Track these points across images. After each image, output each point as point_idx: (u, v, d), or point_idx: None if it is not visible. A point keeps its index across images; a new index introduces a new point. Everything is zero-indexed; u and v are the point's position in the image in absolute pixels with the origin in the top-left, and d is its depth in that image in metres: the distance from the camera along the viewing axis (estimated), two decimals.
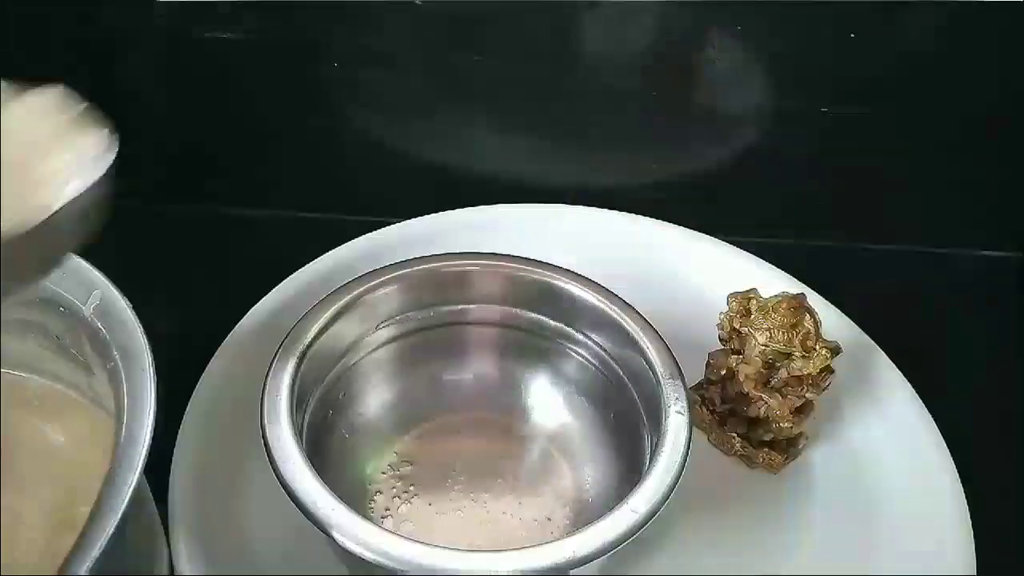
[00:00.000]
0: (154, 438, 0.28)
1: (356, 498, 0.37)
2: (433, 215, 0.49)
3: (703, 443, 0.41)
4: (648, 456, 0.34)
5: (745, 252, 0.48)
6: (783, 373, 0.38)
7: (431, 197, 0.50)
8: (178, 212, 0.54)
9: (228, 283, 0.48)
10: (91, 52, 0.50)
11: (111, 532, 0.25)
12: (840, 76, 0.50)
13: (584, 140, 0.54)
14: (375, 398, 0.40)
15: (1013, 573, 0.39)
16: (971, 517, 0.37)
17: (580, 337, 0.39)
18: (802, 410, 0.39)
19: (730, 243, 0.49)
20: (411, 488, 0.38)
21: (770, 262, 0.48)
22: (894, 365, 0.43)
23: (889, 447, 0.41)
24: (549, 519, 0.37)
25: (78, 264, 0.32)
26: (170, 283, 0.49)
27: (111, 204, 0.28)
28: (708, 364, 0.41)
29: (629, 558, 0.36)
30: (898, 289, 0.52)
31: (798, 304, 0.39)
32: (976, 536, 0.37)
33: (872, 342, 0.44)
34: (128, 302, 0.32)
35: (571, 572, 0.30)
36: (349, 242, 0.47)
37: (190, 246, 0.52)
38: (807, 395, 0.39)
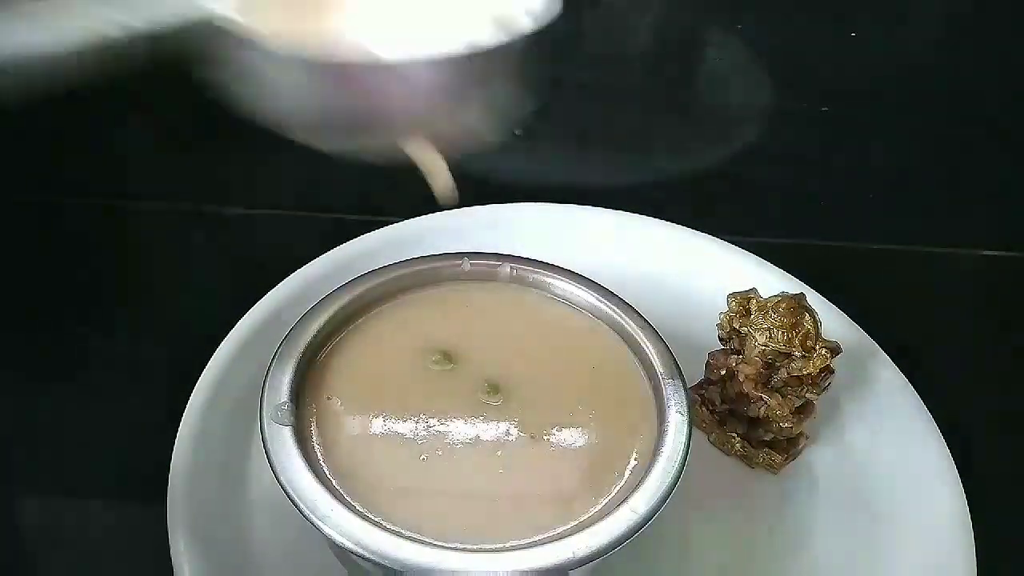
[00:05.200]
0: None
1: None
2: (433, 215, 0.49)
3: (703, 443, 0.41)
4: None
5: (745, 252, 0.48)
6: (783, 373, 0.38)
7: (431, 197, 0.50)
8: (178, 211, 0.54)
9: (228, 283, 0.48)
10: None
11: None
12: (840, 76, 0.50)
13: (584, 140, 0.54)
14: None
15: (1013, 573, 0.39)
16: (971, 517, 0.37)
17: None
18: (802, 410, 0.39)
19: (730, 243, 0.49)
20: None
21: (770, 262, 0.48)
22: (894, 365, 0.43)
23: (889, 447, 0.41)
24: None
25: None
26: (170, 283, 0.49)
27: None
28: (708, 364, 0.41)
29: (629, 558, 0.36)
30: (898, 289, 0.52)
31: (798, 304, 0.39)
32: (976, 536, 0.37)
33: (872, 342, 0.44)
34: None
35: (571, 572, 0.30)
36: (349, 242, 0.47)
37: (190, 246, 0.52)
38: (807, 395, 0.39)
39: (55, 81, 0.26)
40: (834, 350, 0.38)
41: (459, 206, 0.50)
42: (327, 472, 0.31)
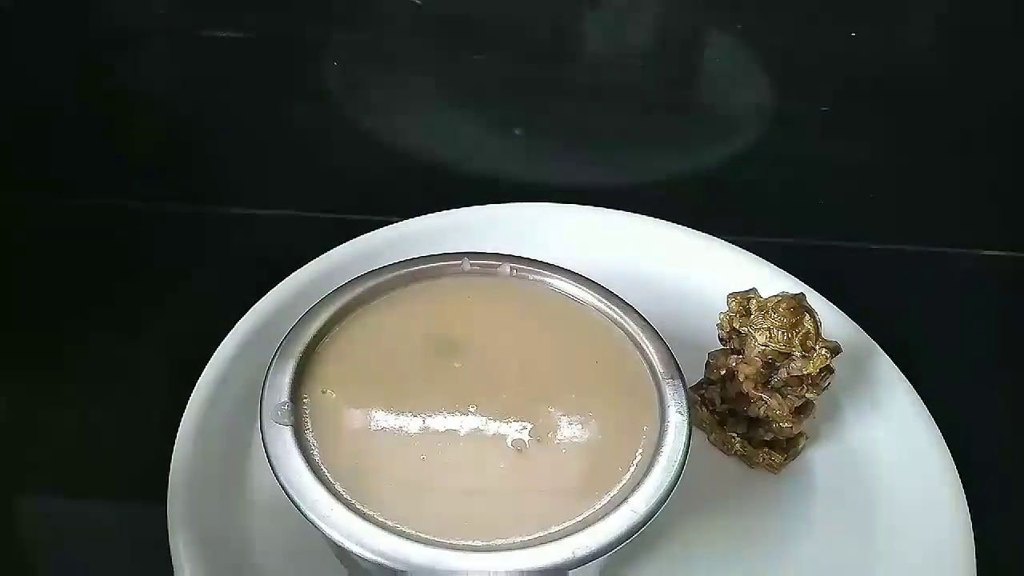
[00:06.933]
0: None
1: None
2: (433, 215, 0.49)
3: (703, 443, 0.41)
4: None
5: (745, 252, 0.48)
6: (783, 373, 0.38)
7: (431, 197, 0.50)
8: (178, 211, 0.54)
9: (228, 283, 0.48)
10: (91, 50, 0.50)
11: None
12: (840, 76, 0.50)
13: (584, 140, 0.54)
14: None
15: (1013, 573, 0.39)
16: (971, 517, 0.37)
17: None
18: (802, 410, 0.39)
19: (730, 243, 0.49)
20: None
21: (770, 262, 0.48)
22: (894, 365, 0.43)
23: (889, 447, 0.41)
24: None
25: None
26: (170, 283, 0.49)
27: None
28: (708, 364, 0.41)
29: (629, 558, 0.36)
30: (898, 289, 0.52)
31: (798, 304, 0.39)
32: (976, 536, 0.37)
33: (872, 341, 0.44)
34: None
35: (571, 572, 0.30)
36: (349, 242, 0.47)
37: (190, 246, 0.52)
38: (807, 395, 0.39)
39: None
40: (834, 350, 0.38)
41: (459, 206, 0.50)
42: (327, 471, 0.31)
